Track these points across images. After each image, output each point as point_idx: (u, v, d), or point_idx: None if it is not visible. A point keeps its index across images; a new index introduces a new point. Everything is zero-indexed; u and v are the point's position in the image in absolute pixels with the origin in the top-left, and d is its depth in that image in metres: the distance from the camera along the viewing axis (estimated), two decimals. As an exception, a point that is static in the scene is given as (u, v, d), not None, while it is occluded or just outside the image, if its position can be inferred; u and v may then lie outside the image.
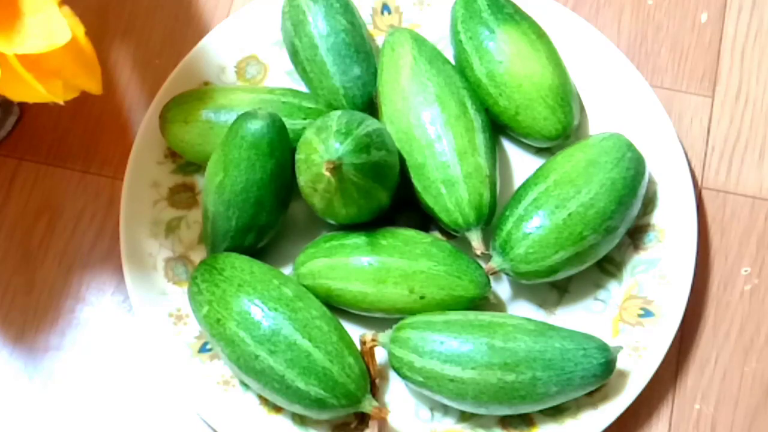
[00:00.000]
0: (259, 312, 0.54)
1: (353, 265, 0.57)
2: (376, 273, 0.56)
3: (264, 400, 0.57)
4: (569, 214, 0.56)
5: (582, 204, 0.56)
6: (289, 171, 0.57)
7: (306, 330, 0.54)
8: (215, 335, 0.55)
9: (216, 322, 0.55)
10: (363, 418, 0.57)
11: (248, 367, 0.54)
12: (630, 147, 0.58)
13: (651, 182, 0.61)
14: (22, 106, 0.65)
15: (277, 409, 0.57)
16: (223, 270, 0.56)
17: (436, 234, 0.60)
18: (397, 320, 0.58)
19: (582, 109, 0.63)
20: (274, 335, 0.54)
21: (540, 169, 0.59)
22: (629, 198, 0.57)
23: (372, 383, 0.55)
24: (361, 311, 0.58)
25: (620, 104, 0.63)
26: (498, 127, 0.62)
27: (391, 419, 0.57)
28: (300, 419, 0.57)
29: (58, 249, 0.63)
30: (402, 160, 0.58)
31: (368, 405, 0.55)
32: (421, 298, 0.56)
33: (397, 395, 0.58)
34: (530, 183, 0.58)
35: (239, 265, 0.57)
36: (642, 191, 0.58)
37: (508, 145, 0.64)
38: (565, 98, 0.60)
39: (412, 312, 0.57)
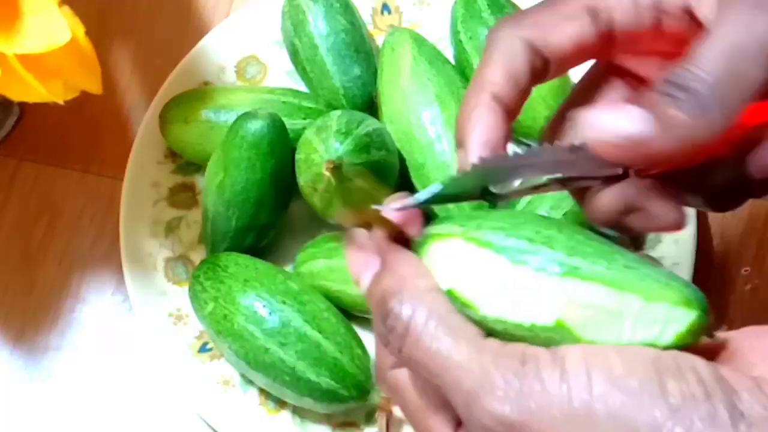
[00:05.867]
0: (267, 306, 0.55)
1: (353, 267, 0.57)
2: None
3: (264, 400, 0.57)
4: (564, 213, 0.56)
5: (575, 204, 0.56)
6: (289, 171, 0.57)
7: (315, 322, 0.54)
8: (221, 332, 0.55)
9: (223, 318, 0.55)
10: (368, 419, 0.57)
11: (257, 362, 0.54)
12: None
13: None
14: (22, 106, 0.65)
15: (277, 409, 0.57)
16: (227, 267, 0.56)
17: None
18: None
19: (582, 109, 0.63)
20: (284, 327, 0.54)
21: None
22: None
23: None
24: (359, 313, 0.58)
25: (620, 104, 0.63)
26: (498, 127, 0.62)
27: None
28: (300, 419, 0.57)
29: (58, 249, 0.63)
30: (402, 160, 0.58)
31: (376, 396, 0.55)
32: (420, 302, 0.56)
33: (397, 395, 0.58)
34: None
35: (242, 262, 0.57)
36: None
37: (507, 146, 0.64)
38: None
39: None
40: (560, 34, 0.36)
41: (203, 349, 0.59)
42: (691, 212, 0.59)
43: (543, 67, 0.37)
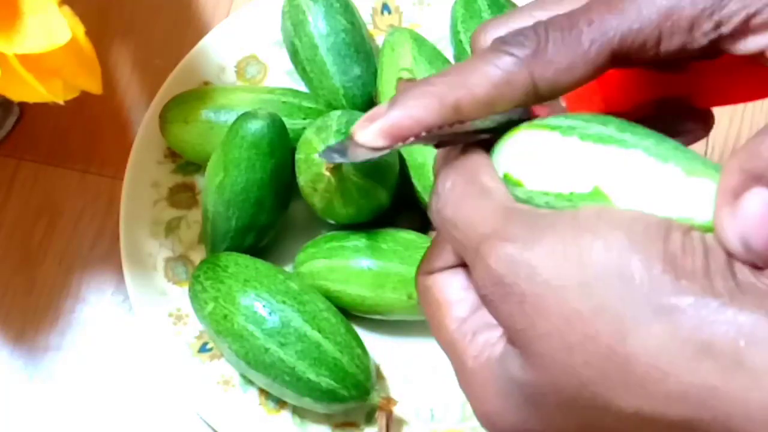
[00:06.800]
0: (267, 305, 0.55)
1: (353, 268, 0.57)
2: (375, 277, 0.56)
3: (264, 400, 0.57)
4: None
5: None
6: (289, 171, 0.57)
7: (315, 322, 0.54)
8: (221, 332, 0.55)
9: (223, 318, 0.55)
10: (369, 419, 0.57)
11: (257, 362, 0.54)
12: None
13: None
14: (22, 106, 0.65)
15: (277, 409, 0.57)
16: (227, 267, 0.56)
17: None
18: (394, 322, 0.59)
19: (582, 109, 0.63)
20: (284, 327, 0.54)
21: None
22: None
23: None
24: (359, 313, 0.58)
25: (620, 104, 0.63)
26: (498, 127, 0.62)
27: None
28: (300, 419, 0.57)
29: (58, 249, 0.63)
30: (402, 160, 0.58)
31: (376, 396, 0.55)
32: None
33: (397, 395, 0.58)
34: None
35: (242, 262, 0.57)
36: None
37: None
38: (565, 98, 0.60)
39: (410, 315, 0.57)
40: None
41: (203, 349, 0.59)
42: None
43: None
